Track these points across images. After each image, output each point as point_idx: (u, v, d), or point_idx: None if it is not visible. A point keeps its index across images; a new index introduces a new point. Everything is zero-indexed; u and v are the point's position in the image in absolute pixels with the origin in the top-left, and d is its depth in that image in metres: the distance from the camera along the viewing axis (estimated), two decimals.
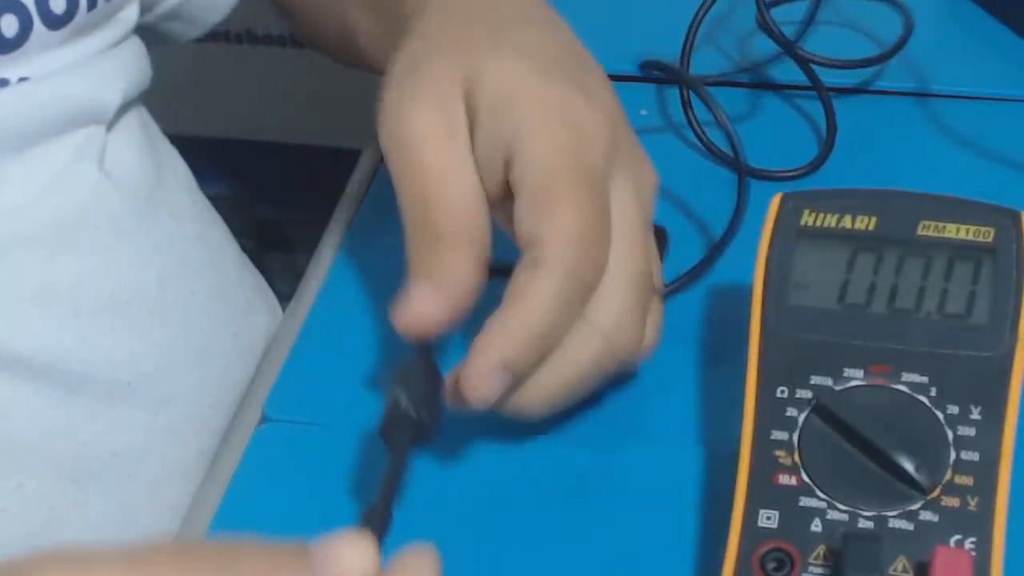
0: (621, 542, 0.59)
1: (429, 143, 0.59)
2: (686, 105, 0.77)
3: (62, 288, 0.65)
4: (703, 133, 0.77)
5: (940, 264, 0.56)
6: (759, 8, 0.75)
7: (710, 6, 0.79)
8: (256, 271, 0.81)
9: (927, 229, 0.57)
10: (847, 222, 0.57)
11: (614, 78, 0.66)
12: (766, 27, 0.75)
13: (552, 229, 0.57)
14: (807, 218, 0.58)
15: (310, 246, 0.79)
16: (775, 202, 0.58)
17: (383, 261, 0.68)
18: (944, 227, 0.57)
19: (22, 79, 0.64)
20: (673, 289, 0.68)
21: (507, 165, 0.59)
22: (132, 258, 0.69)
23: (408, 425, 0.57)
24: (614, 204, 0.59)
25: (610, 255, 0.58)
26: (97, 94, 0.68)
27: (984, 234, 0.56)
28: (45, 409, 0.65)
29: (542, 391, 0.58)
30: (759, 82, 0.82)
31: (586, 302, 0.57)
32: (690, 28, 0.80)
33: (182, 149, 0.78)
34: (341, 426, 0.64)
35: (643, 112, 0.82)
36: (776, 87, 0.82)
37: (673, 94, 0.81)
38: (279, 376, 0.69)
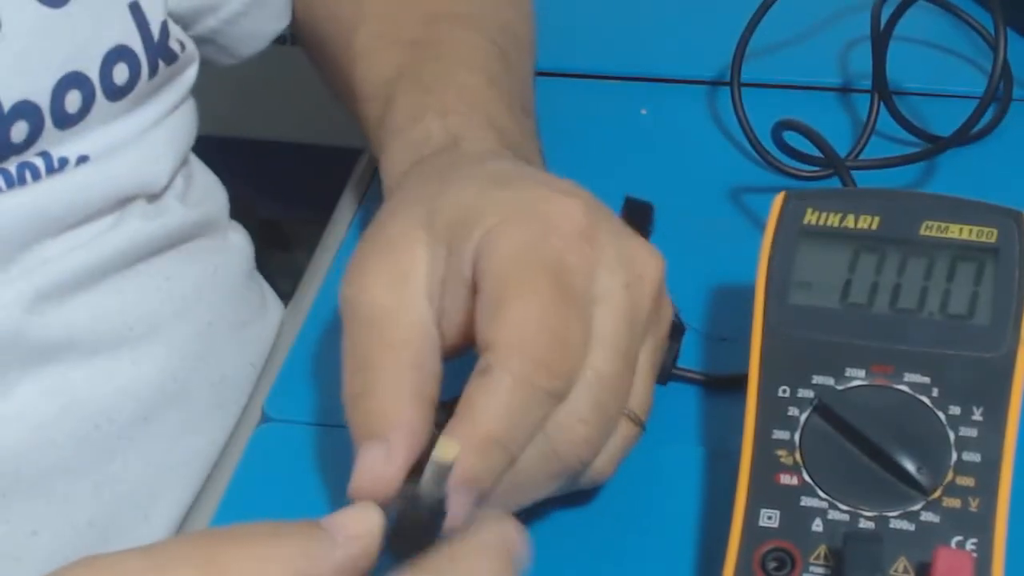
0: (621, 541, 0.59)
1: (376, 288, 0.56)
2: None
3: (81, 328, 0.64)
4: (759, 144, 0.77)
5: (943, 264, 0.56)
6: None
7: (763, 13, 0.79)
8: (269, 287, 0.80)
9: (930, 229, 0.57)
10: (850, 221, 0.57)
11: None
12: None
13: (502, 330, 0.52)
14: (810, 217, 0.58)
15: (310, 246, 0.79)
16: (778, 201, 0.58)
17: None
18: (947, 227, 0.57)
19: (81, 158, 0.63)
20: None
21: (475, 278, 0.55)
22: (147, 291, 0.67)
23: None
24: (597, 305, 0.54)
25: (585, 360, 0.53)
26: (150, 173, 0.67)
27: (987, 235, 0.56)
28: (64, 449, 0.63)
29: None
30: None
31: (551, 409, 0.53)
32: (742, 36, 0.80)
33: None
34: (341, 426, 0.64)
35: (643, 111, 0.82)
36: None
37: (672, 93, 0.82)
38: (279, 376, 0.69)
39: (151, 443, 0.66)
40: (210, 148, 0.78)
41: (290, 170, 1.41)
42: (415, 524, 0.49)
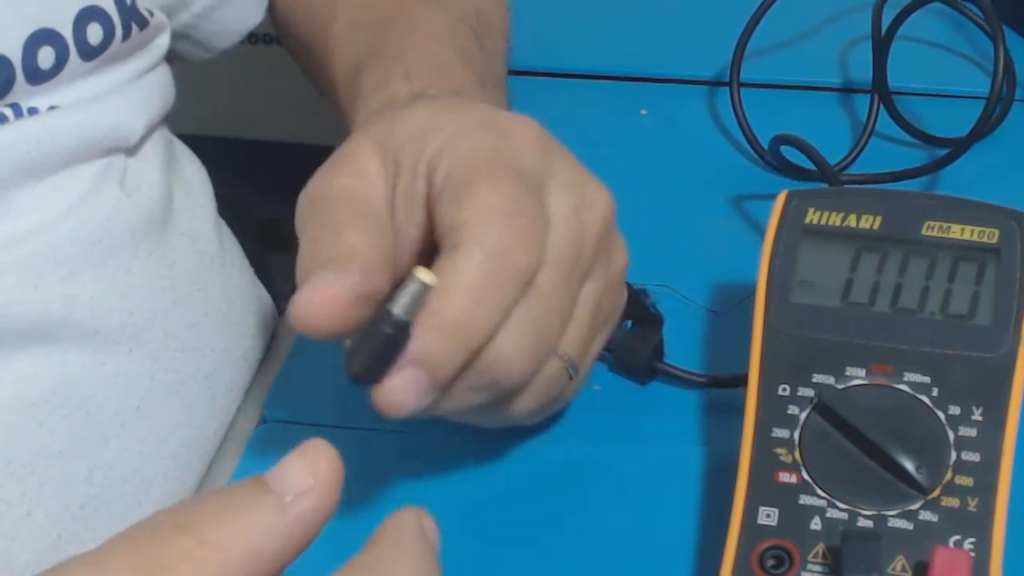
0: (621, 540, 0.58)
1: (337, 179, 0.55)
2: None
3: (82, 307, 0.64)
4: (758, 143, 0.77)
5: (944, 264, 0.56)
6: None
7: (763, 13, 0.79)
8: (259, 284, 0.80)
9: (931, 229, 0.57)
10: (852, 221, 0.57)
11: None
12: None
13: (473, 206, 0.51)
14: (812, 216, 0.58)
15: None
16: (780, 200, 0.58)
17: None
18: (948, 227, 0.57)
19: (51, 107, 0.63)
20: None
21: (430, 192, 0.54)
22: (149, 278, 0.67)
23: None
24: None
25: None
26: (123, 123, 0.67)
27: (988, 235, 0.56)
28: (58, 432, 0.63)
29: (456, 398, 0.52)
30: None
31: (520, 291, 0.50)
32: (742, 36, 0.80)
33: None
34: (341, 427, 0.64)
35: (643, 111, 0.82)
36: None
37: (671, 93, 0.81)
38: (277, 377, 0.69)
39: (143, 432, 0.66)
40: (208, 148, 0.79)
41: (289, 170, 1.41)
42: (375, 341, 0.48)
